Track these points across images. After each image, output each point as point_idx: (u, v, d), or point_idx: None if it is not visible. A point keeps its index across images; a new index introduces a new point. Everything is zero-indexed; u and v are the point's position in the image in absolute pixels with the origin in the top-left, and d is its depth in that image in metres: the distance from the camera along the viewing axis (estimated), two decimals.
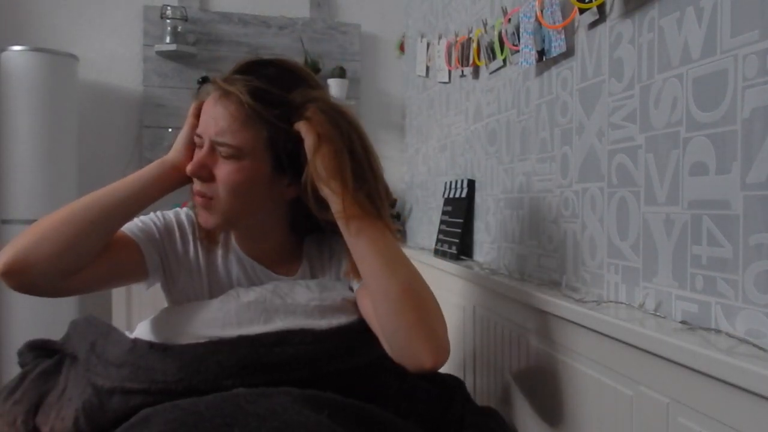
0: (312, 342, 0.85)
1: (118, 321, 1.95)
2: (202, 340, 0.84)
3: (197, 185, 0.85)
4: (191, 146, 0.88)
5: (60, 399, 0.88)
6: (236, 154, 0.83)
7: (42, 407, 0.98)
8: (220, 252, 0.95)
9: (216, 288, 0.93)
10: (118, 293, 1.99)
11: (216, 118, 0.83)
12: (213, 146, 0.83)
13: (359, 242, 0.80)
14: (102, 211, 0.81)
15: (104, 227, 0.82)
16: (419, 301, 0.78)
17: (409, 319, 0.76)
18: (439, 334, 0.78)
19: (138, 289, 1.91)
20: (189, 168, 0.84)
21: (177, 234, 0.94)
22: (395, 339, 0.78)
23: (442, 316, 0.81)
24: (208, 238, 0.94)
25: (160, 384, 0.78)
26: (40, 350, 1.20)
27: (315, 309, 0.89)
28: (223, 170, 0.83)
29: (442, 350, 0.77)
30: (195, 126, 0.87)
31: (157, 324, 0.90)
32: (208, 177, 0.84)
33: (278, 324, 0.87)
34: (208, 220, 0.86)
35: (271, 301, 0.89)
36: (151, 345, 0.85)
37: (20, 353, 1.21)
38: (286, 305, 0.89)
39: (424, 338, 0.76)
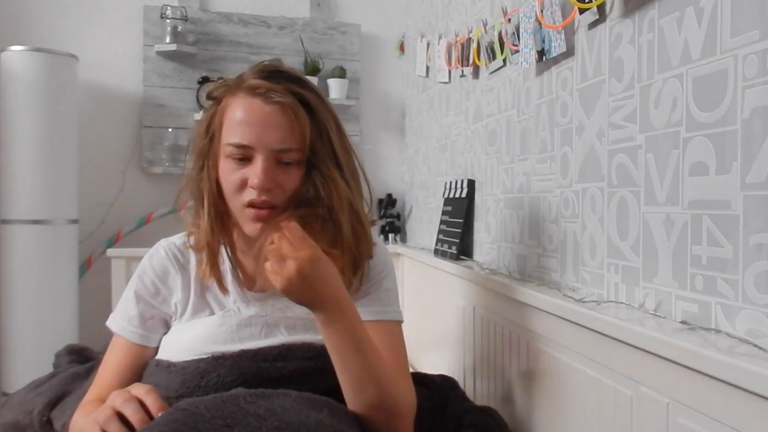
0: (314, 357, 0.85)
1: None
2: (205, 356, 0.84)
3: (264, 197, 0.81)
4: None
5: (78, 401, 0.90)
6: (300, 159, 0.82)
7: (61, 404, 1.01)
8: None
9: (215, 303, 0.92)
10: (118, 295, 1.99)
11: (276, 126, 0.81)
12: (273, 155, 0.81)
13: (324, 333, 0.79)
14: None
15: None
16: (385, 414, 0.80)
17: (375, 426, 0.80)
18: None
19: None
20: (262, 183, 0.80)
21: (162, 288, 0.92)
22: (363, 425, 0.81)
23: (408, 413, 0.84)
24: (209, 268, 0.90)
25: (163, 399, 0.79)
26: (76, 355, 1.22)
27: (315, 322, 0.89)
28: (289, 177, 0.82)
29: None
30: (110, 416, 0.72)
31: (162, 342, 0.91)
32: (274, 187, 0.82)
33: (279, 338, 0.87)
34: (260, 229, 0.83)
35: (271, 314, 0.89)
36: (157, 363, 0.87)
37: (57, 355, 1.25)
38: (287, 318, 0.89)
39: None
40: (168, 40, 2.29)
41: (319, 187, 0.83)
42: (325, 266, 0.76)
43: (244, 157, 0.82)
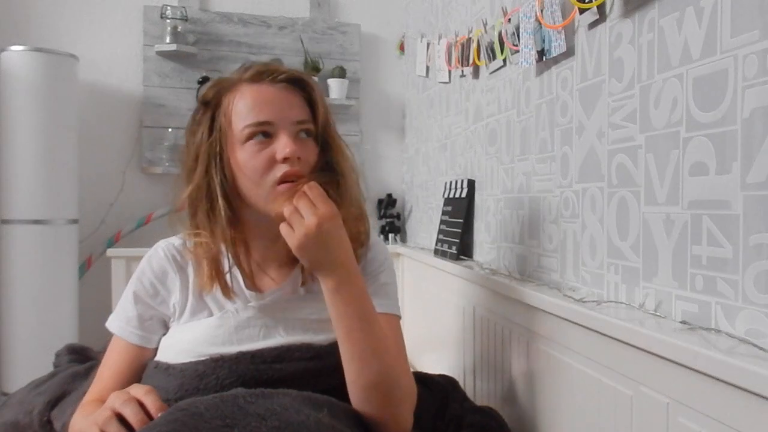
0: (312, 358, 0.85)
1: None
2: (203, 358, 0.84)
3: (295, 167, 0.82)
4: None
5: (78, 401, 0.89)
6: (314, 132, 0.87)
7: (60, 404, 1.01)
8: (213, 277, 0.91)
9: (213, 304, 0.91)
10: (118, 295, 1.99)
11: (290, 101, 0.86)
12: (293, 128, 0.85)
13: (331, 302, 0.80)
14: None
15: None
16: (387, 393, 0.79)
17: (375, 408, 0.79)
18: (401, 420, 0.81)
19: None
20: (293, 151, 0.81)
21: (161, 289, 0.92)
22: (361, 411, 0.80)
23: (409, 399, 0.83)
24: (214, 272, 0.89)
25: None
26: (76, 355, 1.23)
27: (314, 323, 0.89)
28: (309, 150, 0.86)
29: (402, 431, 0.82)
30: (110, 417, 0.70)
31: (161, 343, 0.91)
32: (302, 158, 0.85)
33: (278, 339, 0.87)
34: None
35: (270, 315, 0.89)
36: (155, 365, 0.87)
37: (58, 354, 1.25)
38: (285, 319, 0.89)
39: (386, 425, 0.80)
40: (168, 40, 2.29)
41: (334, 157, 0.89)
42: (341, 228, 0.78)
43: (266, 133, 0.83)
